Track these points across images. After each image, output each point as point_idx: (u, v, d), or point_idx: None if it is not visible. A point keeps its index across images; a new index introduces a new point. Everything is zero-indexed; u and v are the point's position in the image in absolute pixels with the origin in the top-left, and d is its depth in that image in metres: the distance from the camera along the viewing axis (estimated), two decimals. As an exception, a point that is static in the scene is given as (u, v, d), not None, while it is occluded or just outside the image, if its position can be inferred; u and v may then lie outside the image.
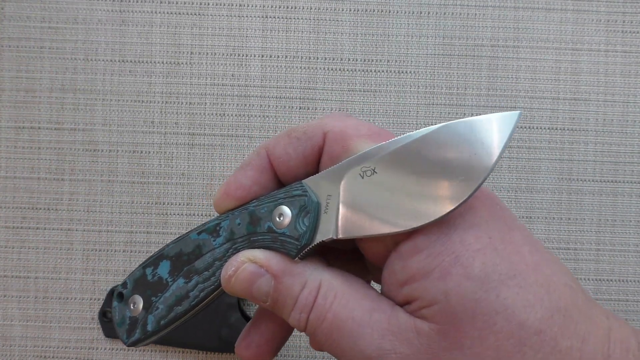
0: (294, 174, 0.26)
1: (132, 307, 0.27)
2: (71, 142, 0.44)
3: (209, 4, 0.44)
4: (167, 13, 0.44)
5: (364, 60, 0.44)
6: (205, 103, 0.44)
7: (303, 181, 0.25)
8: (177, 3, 0.44)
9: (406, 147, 0.23)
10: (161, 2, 0.44)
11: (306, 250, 0.24)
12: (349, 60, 0.44)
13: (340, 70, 0.44)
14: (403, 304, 0.23)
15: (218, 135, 0.44)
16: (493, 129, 0.22)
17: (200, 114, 0.44)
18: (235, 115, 0.44)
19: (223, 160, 0.44)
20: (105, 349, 0.44)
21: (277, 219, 0.25)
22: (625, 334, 0.23)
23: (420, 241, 0.22)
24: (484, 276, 0.21)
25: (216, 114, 0.44)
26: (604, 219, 0.44)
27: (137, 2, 0.44)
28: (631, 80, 0.44)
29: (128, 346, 0.27)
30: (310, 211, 0.24)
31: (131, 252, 0.44)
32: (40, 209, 0.44)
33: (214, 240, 0.26)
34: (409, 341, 0.22)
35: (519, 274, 0.22)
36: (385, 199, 0.23)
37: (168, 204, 0.44)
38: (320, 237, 0.24)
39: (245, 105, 0.44)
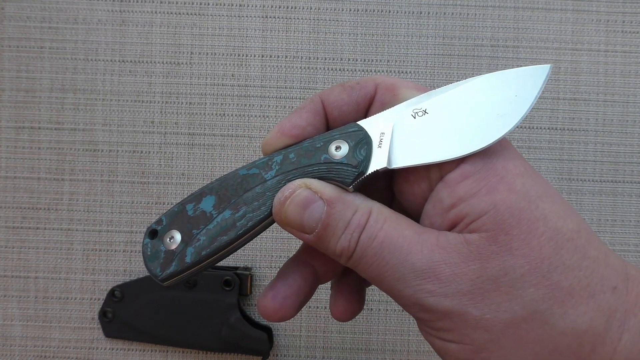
0: (345, 118, 0.28)
1: (167, 241, 0.27)
2: (71, 142, 0.44)
3: (209, 4, 0.44)
4: (167, 13, 0.44)
5: (364, 60, 0.44)
6: (205, 103, 0.44)
7: (357, 122, 0.27)
8: (177, 3, 0.44)
9: (456, 91, 0.27)
10: (161, 2, 0.44)
11: (360, 179, 0.26)
12: (349, 60, 0.44)
13: (340, 70, 0.44)
14: (449, 229, 0.26)
15: (218, 135, 0.44)
16: (532, 76, 0.26)
17: (200, 114, 0.44)
18: (235, 115, 0.44)
19: (223, 160, 0.44)
20: (105, 349, 0.44)
21: (334, 151, 0.26)
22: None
23: (467, 169, 0.25)
24: (525, 192, 0.25)
25: (216, 114, 0.44)
26: (604, 219, 0.44)
27: (137, 2, 0.44)
28: (631, 80, 0.44)
29: (161, 281, 0.26)
30: (366, 143, 0.26)
31: (131, 252, 0.44)
32: (40, 209, 0.44)
33: (266, 174, 0.27)
34: (459, 251, 0.24)
35: (550, 195, 0.25)
36: (436, 134, 0.26)
37: (168, 204, 0.44)
38: (374, 167, 0.26)
39: (245, 105, 0.44)
